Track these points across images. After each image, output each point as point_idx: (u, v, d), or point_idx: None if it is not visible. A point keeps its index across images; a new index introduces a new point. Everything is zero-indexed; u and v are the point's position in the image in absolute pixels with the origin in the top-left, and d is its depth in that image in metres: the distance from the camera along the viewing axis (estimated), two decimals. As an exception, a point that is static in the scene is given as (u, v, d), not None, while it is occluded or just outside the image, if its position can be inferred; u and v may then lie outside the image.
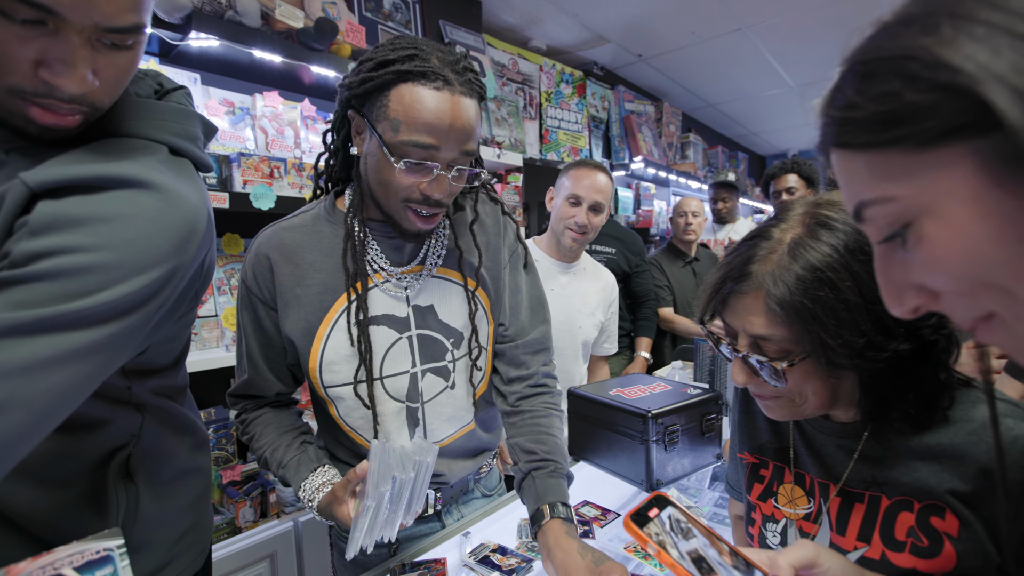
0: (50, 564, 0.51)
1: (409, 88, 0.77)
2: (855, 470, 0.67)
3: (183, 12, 1.45)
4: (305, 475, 0.89)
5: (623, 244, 2.52)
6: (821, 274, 0.56)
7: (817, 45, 3.51)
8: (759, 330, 0.60)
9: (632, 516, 0.53)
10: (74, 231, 0.54)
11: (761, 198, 5.86)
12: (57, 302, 0.52)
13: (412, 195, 0.82)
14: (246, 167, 1.59)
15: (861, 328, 0.56)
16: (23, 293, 0.51)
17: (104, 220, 0.55)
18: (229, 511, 1.58)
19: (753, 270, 0.60)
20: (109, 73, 0.58)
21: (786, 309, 0.57)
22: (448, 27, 2.52)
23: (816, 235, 0.58)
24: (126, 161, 0.60)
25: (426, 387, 0.96)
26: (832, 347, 0.56)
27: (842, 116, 0.35)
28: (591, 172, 1.69)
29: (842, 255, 0.56)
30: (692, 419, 1.27)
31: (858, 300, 0.55)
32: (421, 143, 0.78)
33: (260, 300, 0.91)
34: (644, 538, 0.51)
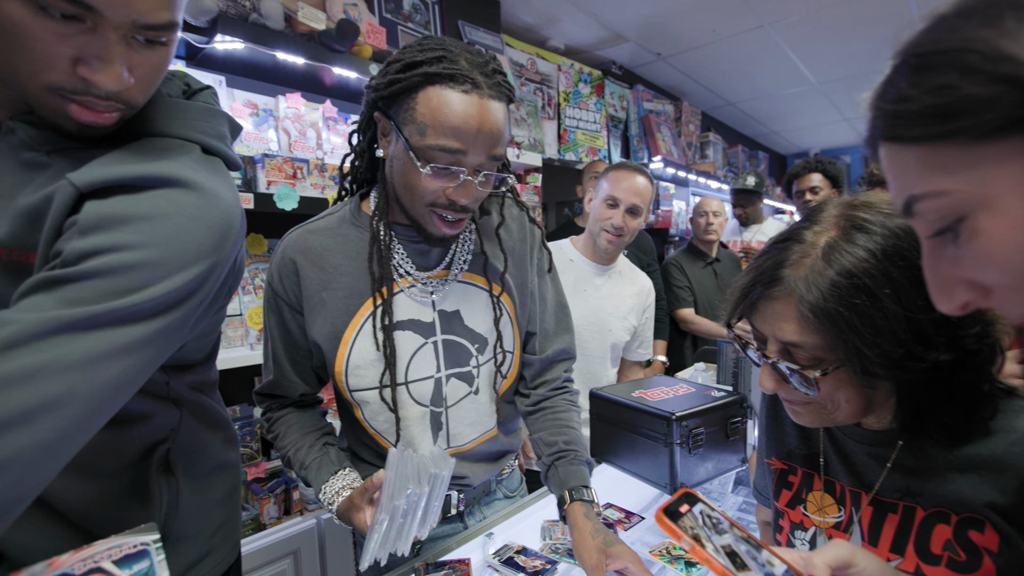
0: (90, 557, 0.52)
1: (436, 91, 0.75)
2: (888, 479, 0.65)
3: (209, 15, 1.48)
4: (326, 477, 0.90)
5: (634, 244, 2.50)
6: (857, 280, 0.54)
7: (840, 42, 3.45)
8: (790, 337, 0.58)
9: (664, 510, 0.52)
10: (120, 230, 0.55)
11: (782, 198, 5.76)
12: (108, 299, 0.54)
13: (438, 200, 0.81)
14: (270, 168, 1.61)
15: (899, 337, 0.53)
16: (76, 291, 0.53)
17: (147, 218, 0.57)
18: (254, 507, 1.60)
19: (785, 275, 0.58)
20: (144, 71, 0.58)
21: (819, 316, 0.55)
22: (467, 27, 2.52)
23: (851, 238, 0.56)
24: (165, 161, 0.61)
25: (450, 392, 0.96)
26: (868, 356, 0.54)
27: (894, 109, 0.34)
28: (630, 174, 1.67)
29: (880, 260, 0.54)
30: (716, 422, 1.25)
31: (896, 308, 0.53)
32: (448, 147, 0.76)
33: (286, 303, 0.91)
34: (678, 532, 0.50)
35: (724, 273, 2.95)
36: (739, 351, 1.53)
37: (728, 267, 3.00)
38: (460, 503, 1.02)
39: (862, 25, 3.23)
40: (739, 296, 0.64)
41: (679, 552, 0.97)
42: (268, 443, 1.78)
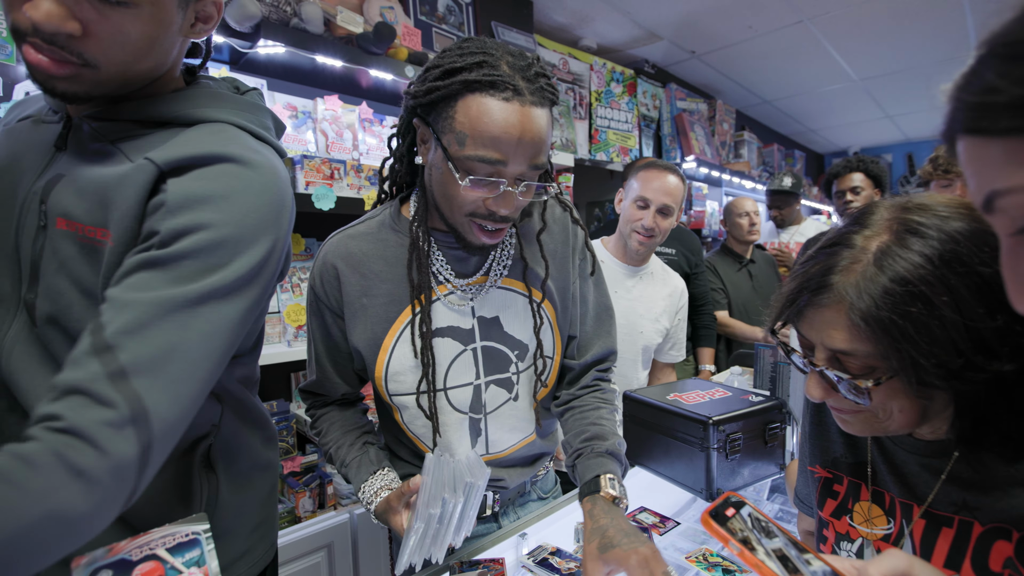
0: (146, 544, 0.54)
1: (476, 99, 0.73)
2: (943, 492, 0.62)
3: (253, 21, 1.52)
4: (365, 477, 0.92)
5: (682, 244, 2.45)
6: (913, 288, 0.51)
7: (884, 36, 3.33)
8: (840, 345, 0.55)
9: (710, 514, 0.50)
10: (204, 208, 0.61)
11: (819, 197, 5.59)
12: (204, 275, 0.59)
13: (478, 210, 0.79)
14: (308, 169, 1.64)
15: (958, 347, 0.50)
16: (178, 270, 0.58)
17: (224, 197, 0.62)
18: (289, 501, 1.64)
19: (834, 281, 0.55)
20: (103, 29, 0.59)
21: (871, 325, 0.52)
22: (500, 28, 2.53)
23: (906, 243, 0.53)
24: (228, 142, 0.66)
25: (489, 399, 0.95)
26: (924, 367, 0.51)
27: (979, 101, 0.33)
28: (661, 174, 1.63)
29: (937, 267, 0.51)
30: (755, 428, 1.23)
31: (955, 317, 0.50)
32: (487, 158, 0.74)
33: (327, 307, 0.92)
34: (726, 536, 0.48)
35: (760, 275, 2.87)
36: (777, 355, 1.49)
37: (764, 269, 2.92)
38: (495, 504, 1.03)
39: (908, 18, 3.10)
40: (784, 302, 0.61)
41: (716, 559, 0.95)
42: (304, 438, 1.82)
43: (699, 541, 1.03)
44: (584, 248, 1.01)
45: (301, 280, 1.81)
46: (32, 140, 0.69)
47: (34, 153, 0.68)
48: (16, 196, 0.66)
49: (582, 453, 0.91)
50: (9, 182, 0.67)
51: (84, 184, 0.64)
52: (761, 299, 2.83)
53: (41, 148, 0.68)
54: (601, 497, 0.82)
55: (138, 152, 0.63)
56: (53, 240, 0.64)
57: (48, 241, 0.64)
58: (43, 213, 0.64)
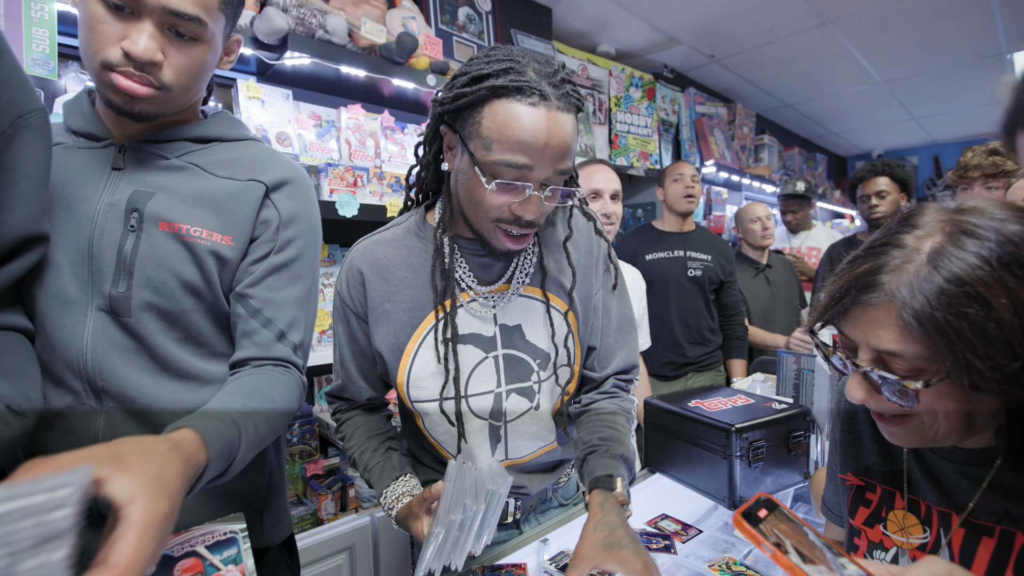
0: (187, 541, 0.57)
1: (503, 104, 0.73)
2: (983, 501, 0.61)
3: (280, 34, 1.56)
4: (387, 482, 0.93)
5: (718, 252, 2.42)
6: (969, 288, 0.50)
7: (908, 38, 3.27)
8: (888, 345, 0.54)
9: (743, 514, 0.50)
10: (299, 222, 0.86)
11: (842, 201, 5.50)
12: (309, 275, 0.88)
13: (503, 215, 0.80)
14: (332, 176, 1.68)
15: (1015, 351, 0.49)
16: (294, 271, 0.85)
17: (306, 210, 0.88)
18: (312, 503, 1.67)
19: (884, 280, 0.54)
20: (178, 61, 0.74)
21: (925, 324, 0.51)
22: (520, 36, 2.55)
23: (961, 244, 0.52)
24: (288, 163, 0.89)
25: (510, 407, 0.95)
26: (979, 369, 0.50)
27: None
28: (597, 166, 1.81)
29: (994, 268, 0.50)
30: (778, 435, 1.21)
31: (1014, 320, 0.49)
32: (514, 163, 0.75)
33: (353, 312, 0.94)
34: (759, 538, 0.48)
35: (778, 280, 2.82)
36: (800, 363, 1.48)
37: (782, 273, 2.88)
38: (517, 511, 1.03)
39: (934, 19, 3.05)
40: (828, 302, 0.60)
41: (740, 568, 0.94)
42: (326, 441, 1.85)
43: (721, 549, 1.02)
44: (607, 259, 1.01)
45: (324, 285, 1.85)
46: (78, 164, 0.78)
47: (87, 175, 0.77)
48: (81, 211, 0.75)
49: (597, 450, 0.89)
50: (67, 201, 0.76)
51: (189, 196, 0.79)
52: (780, 304, 2.79)
53: (94, 170, 0.78)
54: (613, 496, 0.81)
55: (213, 166, 0.82)
56: (152, 240, 0.76)
57: (143, 241, 0.76)
58: (136, 219, 0.76)
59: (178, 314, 0.78)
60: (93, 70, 0.72)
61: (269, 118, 1.71)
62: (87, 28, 0.70)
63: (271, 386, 0.77)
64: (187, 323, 0.79)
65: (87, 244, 0.75)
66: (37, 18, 1.19)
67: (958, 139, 5.87)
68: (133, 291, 0.75)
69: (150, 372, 0.77)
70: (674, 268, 2.34)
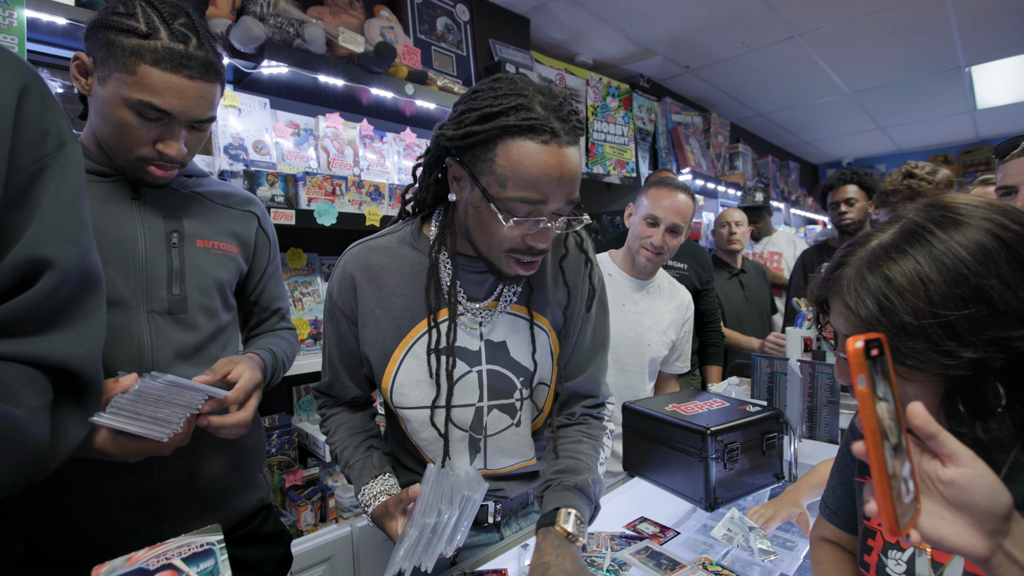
0: (163, 554, 0.56)
1: (516, 144, 0.75)
2: None
3: (257, 43, 1.56)
4: (366, 480, 0.95)
5: (694, 260, 2.44)
6: (896, 284, 0.57)
7: (873, 51, 3.39)
8: (842, 329, 0.63)
9: (865, 342, 0.45)
10: (275, 240, 1.18)
11: (815, 208, 5.65)
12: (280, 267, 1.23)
13: (517, 246, 0.82)
14: (311, 185, 1.67)
15: (926, 333, 0.55)
16: (279, 271, 1.20)
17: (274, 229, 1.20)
18: (291, 514, 1.64)
19: (839, 273, 0.63)
20: (192, 144, 0.94)
21: (851, 308, 0.59)
22: (498, 45, 2.58)
23: (899, 238, 0.59)
24: (255, 197, 1.16)
25: (491, 422, 0.97)
26: (898, 348, 0.56)
27: None
28: (671, 192, 1.64)
29: (920, 265, 0.56)
30: (752, 437, 1.24)
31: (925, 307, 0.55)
32: (529, 199, 0.77)
33: (343, 314, 0.98)
34: (864, 367, 0.45)
35: (751, 284, 2.91)
36: (774, 366, 1.51)
37: (754, 278, 2.96)
38: (497, 514, 1.04)
39: (895, 34, 3.17)
40: (812, 294, 0.70)
41: (716, 568, 0.96)
42: (305, 451, 1.83)
43: (699, 551, 1.04)
44: (588, 279, 1.02)
45: (303, 295, 1.84)
46: (99, 196, 0.90)
47: (112, 204, 0.92)
48: (122, 233, 0.91)
49: (551, 485, 0.92)
50: (103, 226, 0.89)
51: (209, 220, 1.01)
52: (753, 309, 2.86)
53: (115, 199, 0.92)
54: (555, 531, 0.83)
55: (213, 195, 1.05)
56: (193, 254, 0.97)
57: (188, 254, 0.96)
58: (178, 238, 0.96)
59: (214, 309, 0.99)
60: (124, 158, 0.89)
61: (246, 126, 1.70)
62: (119, 129, 0.86)
63: (285, 337, 1.15)
64: (217, 317, 1.00)
65: (140, 259, 0.91)
66: (6, 25, 1.17)
67: (922, 148, 6.09)
68: (188, 293, 0.95)
69: (189, 360, 0.95)
70: None
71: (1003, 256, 0.55)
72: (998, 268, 0.54)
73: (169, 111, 0.85)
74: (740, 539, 1.06)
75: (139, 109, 0.83)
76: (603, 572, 0.94)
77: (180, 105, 0.85)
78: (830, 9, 2.83)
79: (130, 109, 0.84)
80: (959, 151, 5.90)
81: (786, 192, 5.43)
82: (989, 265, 0.54)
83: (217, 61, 0.89)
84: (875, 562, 0.73)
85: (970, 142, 5.80)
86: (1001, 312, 0.54)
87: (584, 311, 1.01)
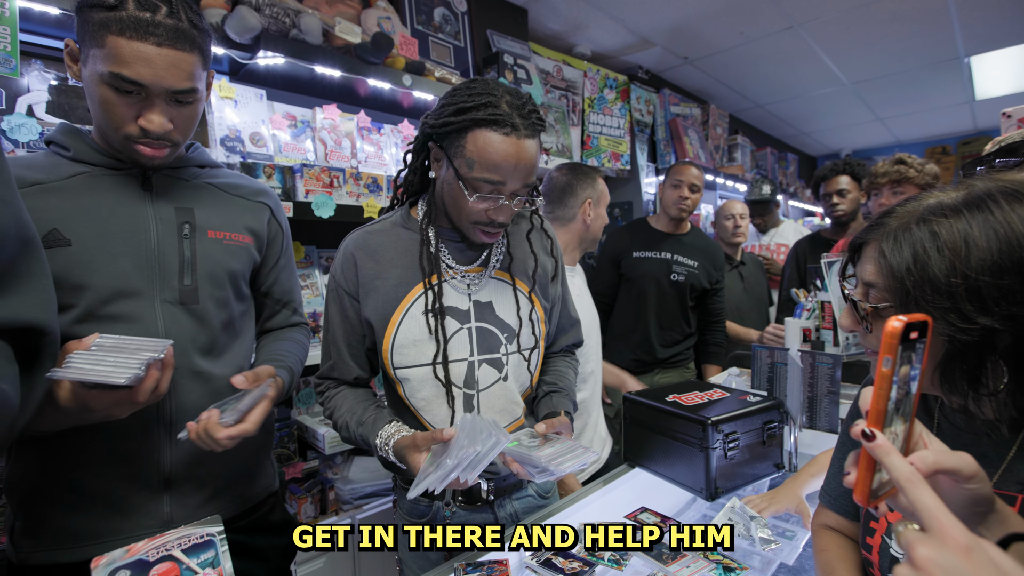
0: (162, 545, 0.56)
1: (483, 133, 0.92)
2: (1008, 471, 0.62)
3: (253, 33, 1.54)
4: (382, 425, 1.02)
5: (706, 257, 2.40)
6: (938, 240, 0.57)
7: (873, 41, 3.38)
8: (869, 277, 0.63)
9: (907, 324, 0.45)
10: (288, 230, 1.21)
11: (812, 200, 5.65)
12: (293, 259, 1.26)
13: (480, 218, 0.99)
14: (308, 177, 1.66)
15: (952, 293, 0.55)
16: (291, 263, 1.23)
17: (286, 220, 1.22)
18: (292, 507, 1.64)
19: (886, 221, 0.63)
20: (180, 120, 0.91)
21: (887, 256, 0.59)
22: (495, 36, 2.56)
23: (958, 210, 0.58)
24: (269, 187, 1.19)
25: (482, 376, 1.07)
26: (916, 298, 0.57)
27: None
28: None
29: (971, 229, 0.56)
30: (753, 427, 1.24)
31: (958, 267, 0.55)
32: (491, 179, 0.94)
33: (346, 292, 1.07)
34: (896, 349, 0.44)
35: (750, 277, 2.91)
36: (774, 356, 1.51)
37: (754, 271, 2.96)
38: (490, 492, 1.10)
39: (896, 24, 3.16)
40: (852, 243, 0.69)
41: (716, 557, 0.97)
42: (305, 444, 1.83)
43: (700, 540, 1.04)
44: (551, 252, 1.20)
45: (301, 288, 1.83)
46: (112, 187, 0.92)
47: (124, 196, 0.93)
48: (135, 225, 0.92)
49: (558, 392, 1.16)
50: (117, 217, 0.91)
51: (221, 210, 1.03)
52: (752, 301, 2.86)
53: (127, 191, 0.94)
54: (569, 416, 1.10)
55: (225, 187, 1.06)
56: (204, 244, 0.98)
57: (199, 245, 0.98)
58: (190, 229, 0.97)
59: (225, 300, 1.01)
60: (116, 140, 0.89)
61: (242, 118, 1.68)
62: (102, 108, 0.86)
63: (299, 340, 1.18)
64: (229, 307, 1.02)
65: (152, 249, 0.93)
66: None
67: (920, 140, 6.08)
68: (199, 283, 0.97)
69: (202, 348, 0.98)
70: (658, 269, 2.33)
71: None
72: None
73: (140, 81, 0.83)
74: (742, 528, 1.06)
75: (113, 83, 0.82)
76: (604, 562, 0.94)
77: (151, 75, 0.83)
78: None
79: (107, 85, 0.83)
80: (958, 142, 5.89)
81: (784, 184, 5.42)
82: None
83: (192, 30, 0.87)
84: (878, 544, 0.73)
85: (968, 133, 5.79)
86: None
87: (552, 278, 1.18)
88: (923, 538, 0.42)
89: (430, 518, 1.11)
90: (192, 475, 0.97)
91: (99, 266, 0.88)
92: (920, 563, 0.41)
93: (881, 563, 0.73)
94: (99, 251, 0.88)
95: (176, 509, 0.95)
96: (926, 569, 0.40)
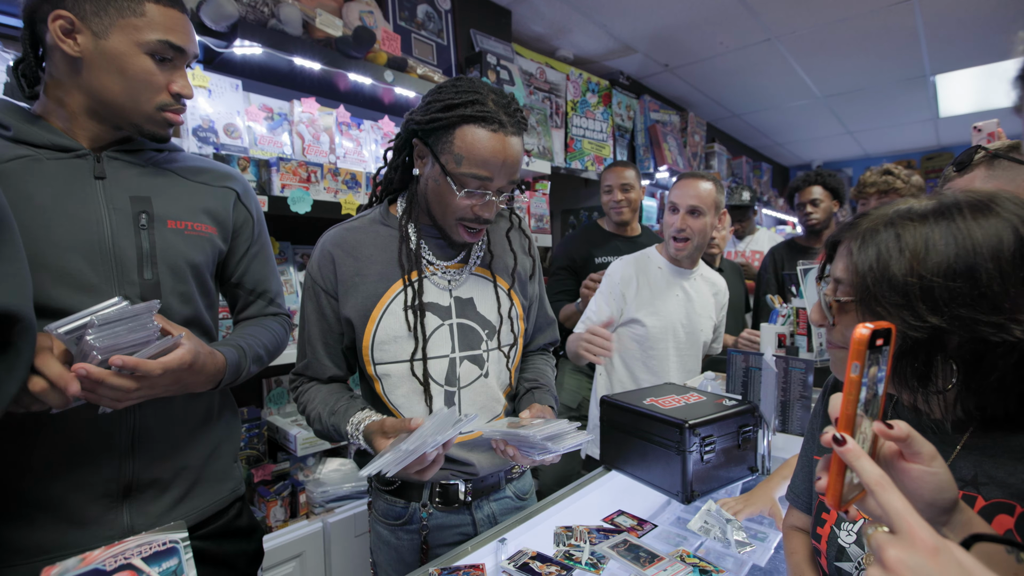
0: (120, 553, 0.53)
1: (471, 129, 0.93)
2: (953, 469, 0.63)
3: (230, 21, 1.50)
4: (354, 412, 1.01)
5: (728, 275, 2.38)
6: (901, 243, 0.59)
7: (845, 56, 3.48)
8: (839, 273, 0.66)
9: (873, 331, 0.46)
10: (260, 217, 1.13)
11: (785, 209, 5.79)
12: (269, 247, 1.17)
13: (466, 215, 0.99)
14: (284, 171, 1.62)
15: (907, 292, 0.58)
16: (266, 249, 1.14)
17: (259, 207, 1.14)
18: (260, 510, 1.59)
19: (859, 222, 0.65)
20: None
21: (852, 252, 0.62)
22: (479, 36, 2.55)
23: (926, 217, 0.60)
24: (237, 171, 1.12)
25: (463, 373, 1.07)
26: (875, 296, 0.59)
27: None
28: (687, 180, 1.78)
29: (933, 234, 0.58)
30: (728, 430, 1.26)
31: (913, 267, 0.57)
32: (479, 175, 0.95)
33: (323, 290, 1.06)
34: (862, 355, 0.46)
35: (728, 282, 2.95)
36: (748, 361, 1.53)
37: (731, 278, 3.00)
38: (467, 494, 1.09)
39: (867, 40, 3.26)
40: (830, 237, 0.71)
41: (693, 560, 0.97)
42: (275, 445, 1.78)
43: (675, 543, 1.04)
44: (529, 251, 1.20)
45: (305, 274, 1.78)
46: (58, 174, 0.85)
47: (72, 184, 0.85)
48: (84, 215, 0.85)
49: (539, 388, 1.17)
50: (63, 207, 0.84)
51: (181, 199, 0.96)
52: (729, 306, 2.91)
53: (76, 179, 0.86)
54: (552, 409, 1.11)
55: (187, 172, 0.99)
56: (163, 235, 0.91)
57: (158, 236, 0.91)
58: (147, 219, 0.90)
59: (189, 295, 0.95)
60: (143, 113, 0.88)
61: (216, 108, 1.63)
62: (138, 79, 0.85)
63: (269, 326, 1.10)
64: (194, 302, 0.96)
65: (105, 242, 0.86)
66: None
67: (887, 153, 6.29)
68: (161, 277, 0.91)
69: None
70: None
71: (1014, 250, 0.56)
72: (1002, 258, 0.56)
73: (183, 47, 0.88)
74: (717, 531, 1.07)
75: (159, 50, 0.85)
76: (582, 566, 0.94)
77: (187, 39, 0.89)
78: (806, 12, 2.88)
79: (148, 54, 0.85)
80: (922, 157, 6.11)
81: (759, 192, 5.54)
82: (995, 253, 0.56)
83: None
84: (827, 534, 0.76)
85: (932, 149, 6.02)
86: (981, 295, 0.56)
87: (530, 274, 1.20)
88: (893, 540, 0.43)
89: (406, 519, 1.09)
90: (154, 481, 0.91)
91: (46, 260, 0.81)
92: (890, 564, 0.42)
93: (828, 551, 0.76)
94: (45, 243, 0.81)
95: (137, 518, 0.89)
96: (896, 570, 0.41)
